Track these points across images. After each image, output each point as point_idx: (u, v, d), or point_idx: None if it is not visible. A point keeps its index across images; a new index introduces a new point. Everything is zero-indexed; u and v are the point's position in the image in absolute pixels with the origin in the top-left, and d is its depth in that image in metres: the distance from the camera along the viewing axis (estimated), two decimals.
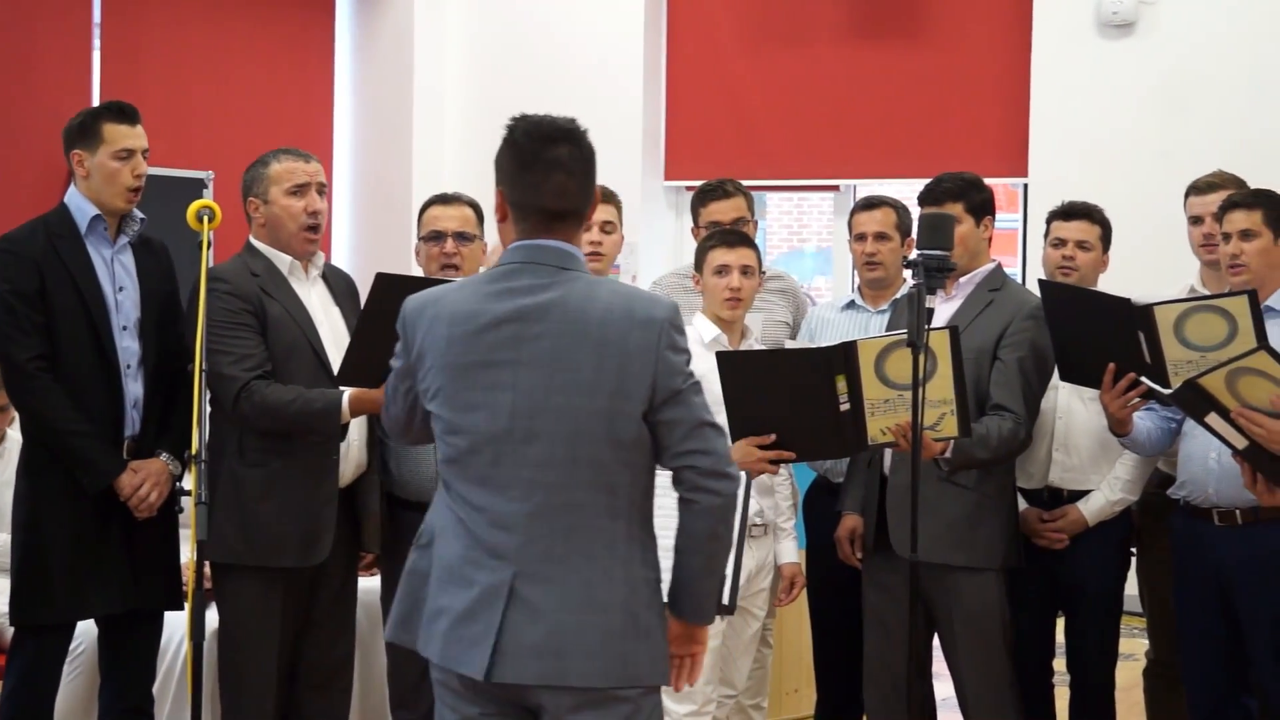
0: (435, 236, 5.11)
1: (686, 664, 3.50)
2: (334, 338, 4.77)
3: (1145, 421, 4.84)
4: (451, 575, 3.35)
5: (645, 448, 3.33)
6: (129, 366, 4.72)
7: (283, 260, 4.75)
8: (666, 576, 3.44)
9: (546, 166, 3.36)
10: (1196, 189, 5.42)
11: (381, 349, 4.45)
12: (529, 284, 3.32)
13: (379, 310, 4.44)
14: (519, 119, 3.42)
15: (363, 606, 5.06)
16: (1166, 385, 4.41)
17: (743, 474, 4.35)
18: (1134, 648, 5.70)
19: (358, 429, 4.77)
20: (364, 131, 10.01)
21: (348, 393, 4.59)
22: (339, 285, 4.94)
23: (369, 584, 5.10)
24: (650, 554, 3.38)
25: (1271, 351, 4.05)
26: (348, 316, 4.84)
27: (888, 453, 4.83)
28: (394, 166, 9.86)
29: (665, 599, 3.42)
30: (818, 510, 5.50)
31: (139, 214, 4.80)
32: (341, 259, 9.72)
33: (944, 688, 5.16)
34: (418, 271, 5.20)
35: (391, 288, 4.44)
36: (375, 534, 4.89)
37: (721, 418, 4.60)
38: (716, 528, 3.39)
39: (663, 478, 3.46)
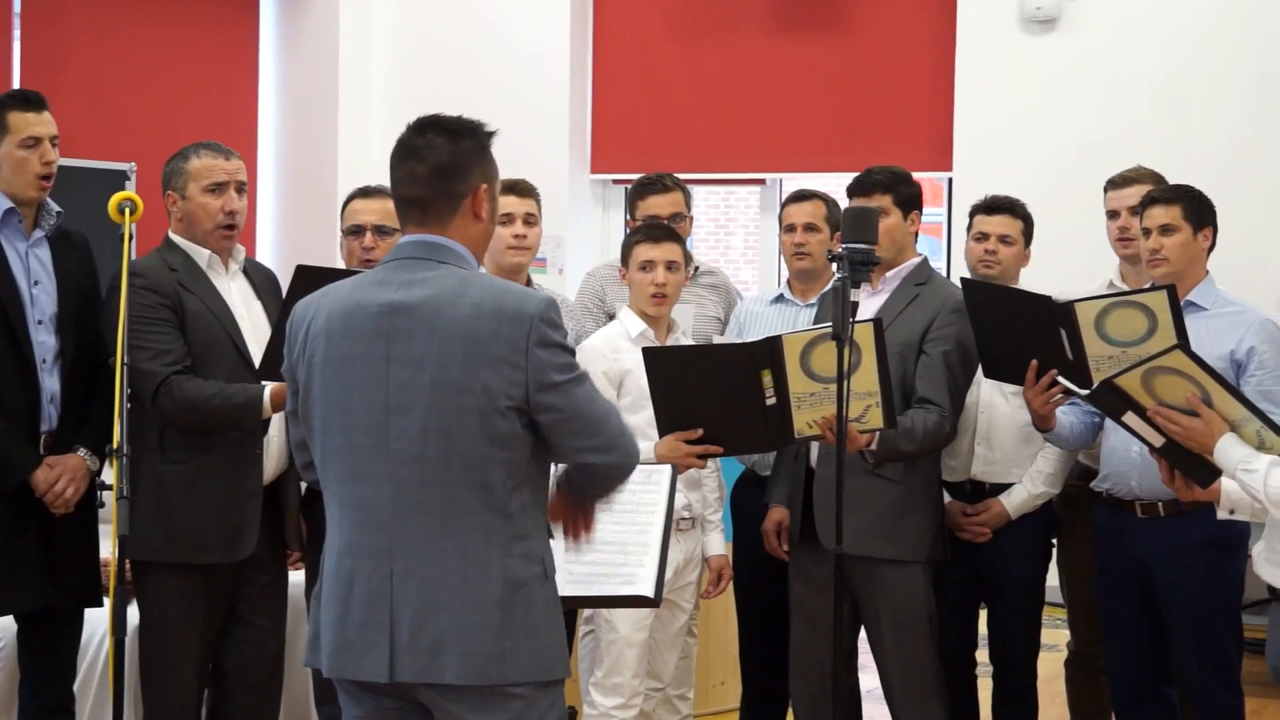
0: (356, 230, 5.09)
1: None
2: (255, 332, 4.73)
3: (1069, 416, 4.88)
4: (334, 582, 3.34)
5: (522, 443, 3.29)
6: (45, 361, 4.66)
7: (201, 254, 4.71)
8: (588, 569, 3.44)
9: (404, 154, 3.38)
10: (1114, 184, 5.47)
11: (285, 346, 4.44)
12: (405, 279, 3.31)
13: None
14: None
15: (290, 602, 5.02)
16: (1089, 380, 4.44)
17: (668, 467, 4.36)
18: (1056, 638, 5.75)
19: (278, 425, 4.74)
20: (289, 123, 9.94)
21: (269, 387, 4.56)
22: (260, 280, 4.90)
23: (295, 579, 5.07)
24: (536, 548, 3.33)
25: (1187, 350, 4.08)
26: (269, 311, 4.81)
27: (814, 445, 4.84)
28: (319, 159, 9.79)
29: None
30: (745, 503, 5.51)
31: (55, 207, 4.74)
32: (266, 253, 9.65)
33: (869, 680, 5.19)
34: (342, 265, 5.17)
35: (312, 280, 4.40)
36: (295, 530, 4.87)
37: (649, 413, 4.63)
38: (619, 484, 3.44)
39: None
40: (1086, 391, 4.30)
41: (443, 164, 3.36)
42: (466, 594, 3.25)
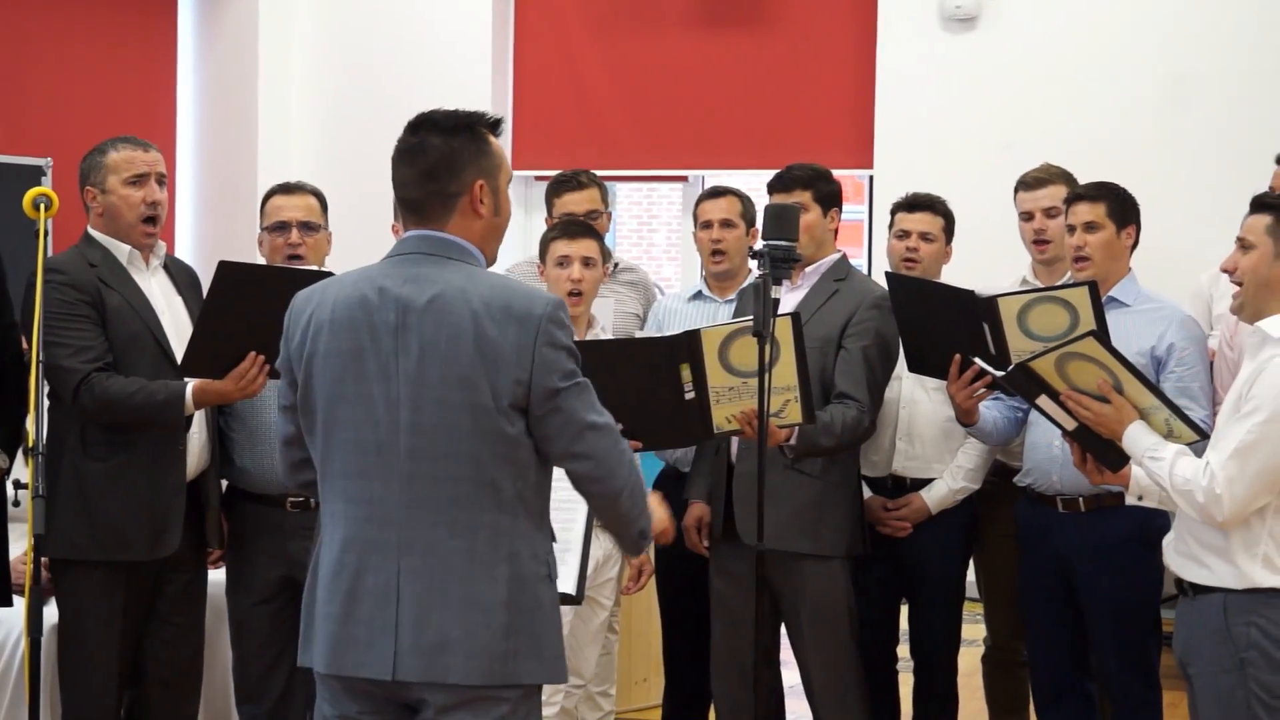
0: (279, 227, 5.05)
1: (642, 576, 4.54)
2: (176, 328, 4.70)
3: (992, 411, 4.91)
4: (333, 577, 3.30)
5: (527, 443, 3.29)
6: None
7: (121, 250, 4.67)
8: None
9: (400, 157, 3.37)
10: (1025, 185, 5.50)
11: (225, 339, 4.42)
12: (411, 273, 3.29)
13: (222, 299, 4.39)
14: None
15: (209, 600, 4.98)
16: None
17: None
18: (976, 633, 5.78)
19: (200, 422, 4.71)
20: (208, 118, 9.85)
21: (191, 384, 4.53)
22: (181, 275, 4.86)
23: (215, 577, 5.03)
24: (541, 549, 3.34)
25: (1100, 338, 4.13)
26: (190, 307, 4.77)
27: (735, 441, 4.85)
28: (239, 155, 9.70)
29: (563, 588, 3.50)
30: (665, 499, 5.50)
31: None
32: (185, 249, 9.56)
33: (791, 675, 5.20)
34: (262, 262, 5.13)
35: (234, 276, 4.39)
36: (216, 528, 4.83)
37: None
38: (613, 510, 3.43)
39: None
40: (1002, 374, 4.33)
41: (433, 165, 3.34)
42: (473, 593, 3.23)
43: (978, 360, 4.62)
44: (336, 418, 3.30)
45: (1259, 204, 4.01)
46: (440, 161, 3.34)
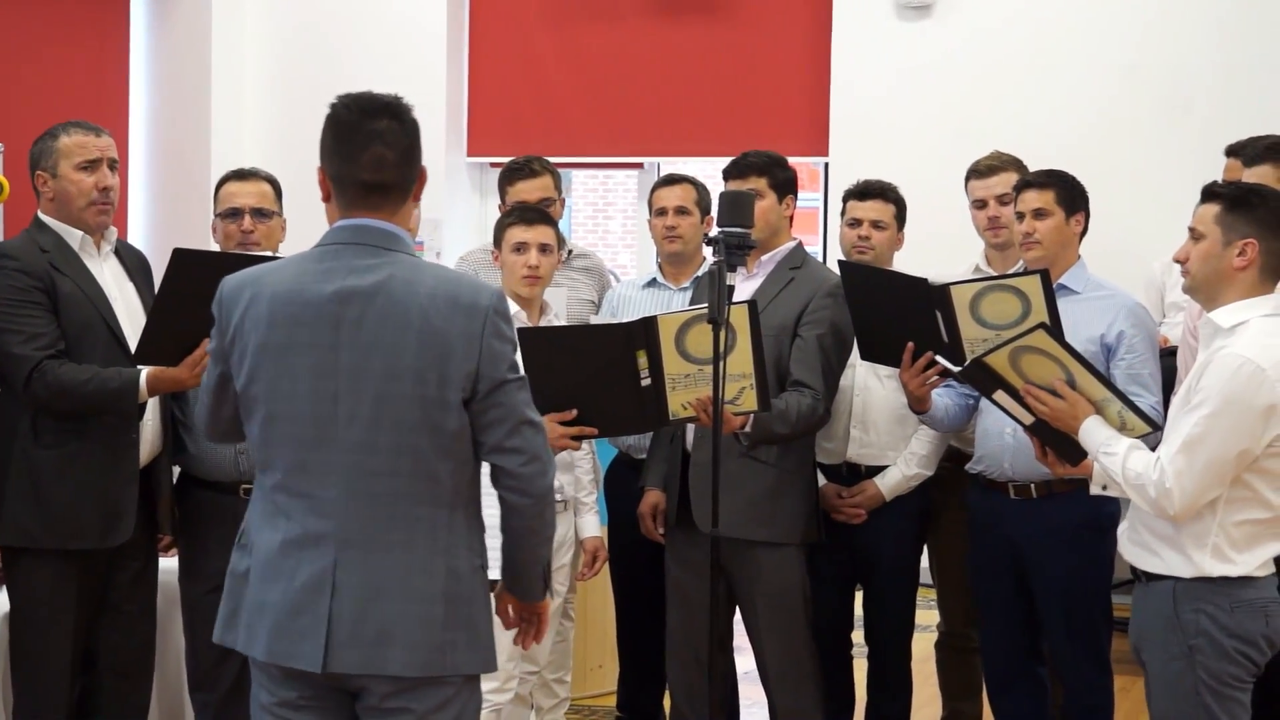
0: (232, 213, 5.02)
1: (530, 630, 3.64)
2: (129, 315, 4.67)
3: (943, 399, 4.93)
4: (272, 567, 3.30)
5: (468, 437, 3.30)
6: None
7: (73, 236, 4.64)
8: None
9: (365, 139, 3.30)
10: (977, 172, 5.53)
11: (179, 326, 4.39)
12: (352, 265, 3.27)
13: (177, 287, 4.36)
14: (342, 95, 3.36)
15: (160, 588, 4.97)
16: (964, 362, 4.49)
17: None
18: (930, 619, 5.81)
19: (153, 409, 4.68)
20: (161, 104, 9.79)
21: (145, 371, 4.51)
22: (132, 261, 4.83)
23: (166, 565, 5.01)
24: (476, 541, 3.36)
25: (1049, 330, 4.15)
26: (143, 293, 4.75)
27: (690, 428, 4.86)
28: (192, 140, 9.66)
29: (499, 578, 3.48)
30: (621, 486, 5.52)
31: None
32: (137, 235, 9.51)
33: (745, 661, 5.21)
34: (216, 249, 5.11)
35: (189, 264, 4.37)
36: (169, 515, 4.82)
37: None
38: (532, 524, 3.41)
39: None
40: (959, 369, 4.35)
41: (407, 149, 3.32)
42: (412, 585, 3.24)
43: (939, 358, 4.62)
44: (277, 411, 3.29)
45: (1208, 193, 4.03)
46: (412, 146, 3.34)
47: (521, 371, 3.35)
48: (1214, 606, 3.87)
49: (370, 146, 3.29)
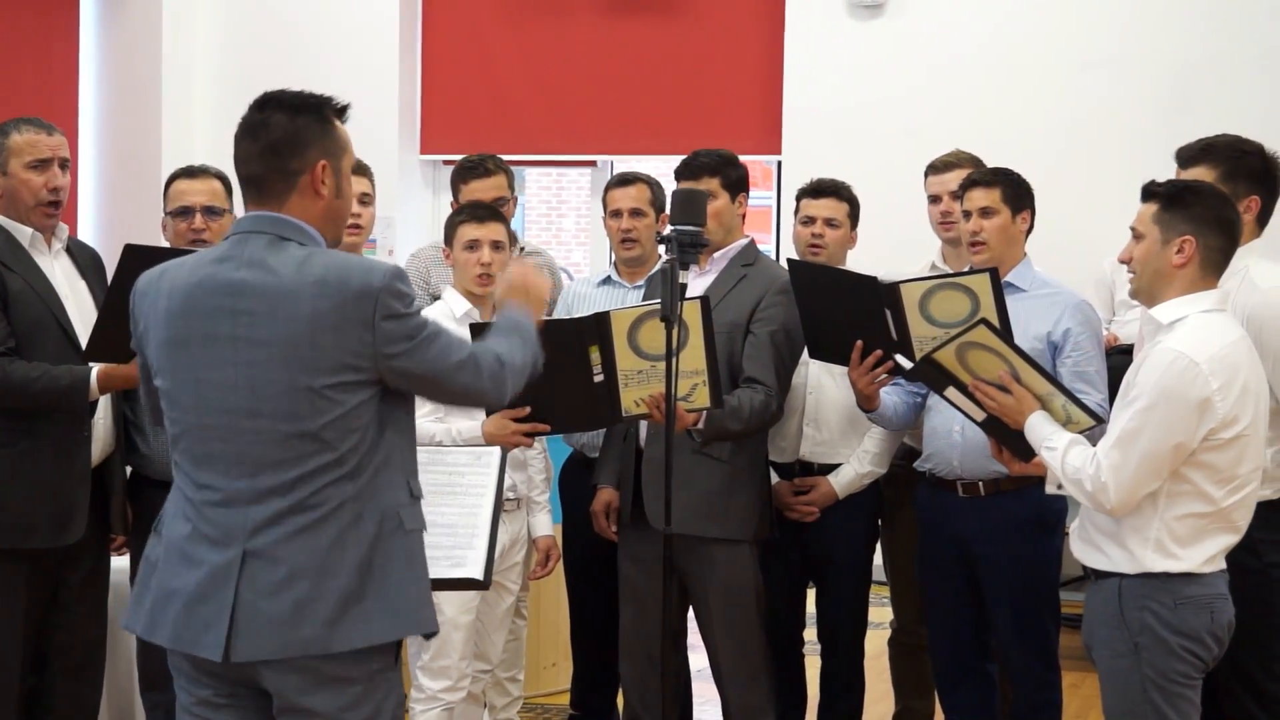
0: (183, 211, 5.01)
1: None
2: (80, 312, 4.65)
3: (892, 397, 4.94)
4: (180, 556, 3.29)
5: (372, 413, 3.28)
6: None
7: (23, 233, 4.61)
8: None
9: (240, 134, 3.38)
10: (934, 168, 5.56)
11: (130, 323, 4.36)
12: (247, 256, 3.28)
13: (128, 283, 4.33)
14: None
15: (112, 587, 4.95)
16: (913, 361, 4.51)
17: (497, 449, 4.34)
18: (883, 616, 5.83)
19: (105, 407, 4.66)
20: (111, 100, 9.73)
21: (96, 369, 4.49)
22: (84, 259, 4.81)
23: (118, 564, 4.99)
24: (392, 502, 3.31)
25: (990, 325, 4.17)
26: (94, 290, 4.73)
27: (643, 426, 4.86)
28: (142, 138, 9.60)
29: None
30: (574, 485, 5.52)
31: None
32: (88, 232, 9.45)
33: (699, 659, 5.22)
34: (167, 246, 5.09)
35: (140, 260, 4.32)
36: (121, 515, 4.79)
37: None
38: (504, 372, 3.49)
39: (424, 454, 3.46)
40: (910, 366, 4.36)
41: (275, 142, 3.32)
42: (322, 565, 3.22)
43: (896, 357, 4.63)
44: (181, 405, 3.31)
45: (1146, 192, 4.06)
46: (284, 138, 3.34)
47: (426, 330, 3.31)
48: (1158, 604, 3.90)
49: (240, 141, 3.37)
